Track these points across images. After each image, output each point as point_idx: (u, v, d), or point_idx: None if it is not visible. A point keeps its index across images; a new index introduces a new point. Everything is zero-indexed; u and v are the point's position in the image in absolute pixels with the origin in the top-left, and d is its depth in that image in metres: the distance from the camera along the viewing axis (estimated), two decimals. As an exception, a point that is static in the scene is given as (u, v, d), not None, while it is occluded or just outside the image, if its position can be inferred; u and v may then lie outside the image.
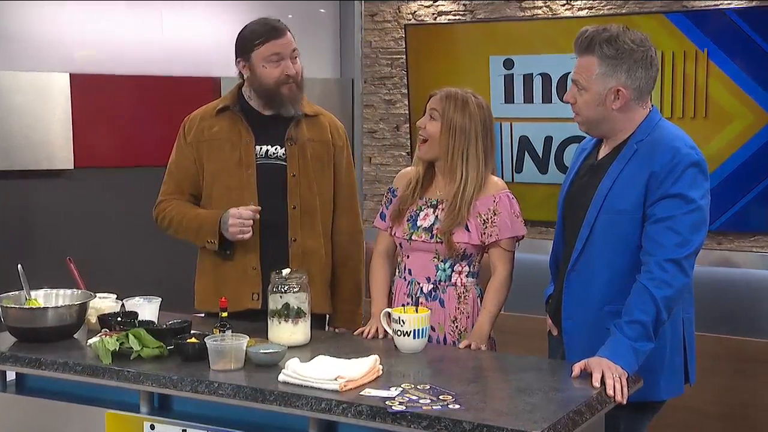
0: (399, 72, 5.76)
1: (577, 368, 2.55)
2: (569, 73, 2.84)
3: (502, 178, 3.38)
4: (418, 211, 3.16)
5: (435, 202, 3.14)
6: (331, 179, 3.38)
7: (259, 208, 3.19)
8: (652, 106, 2.81)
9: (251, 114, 3.31)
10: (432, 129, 3.09)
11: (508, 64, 5.23)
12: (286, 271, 2.93)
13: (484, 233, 3.06)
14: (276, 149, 3.29)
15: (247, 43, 3.24)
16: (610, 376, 2.49)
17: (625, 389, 2.50)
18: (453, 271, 3.10)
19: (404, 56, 5.65)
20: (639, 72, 2.71)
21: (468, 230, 3.06)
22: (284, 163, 3.28)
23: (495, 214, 3.06)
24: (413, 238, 3.13)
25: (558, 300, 2.88)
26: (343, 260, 3.43)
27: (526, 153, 5.20)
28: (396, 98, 5.81)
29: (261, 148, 3.28)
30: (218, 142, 3.30)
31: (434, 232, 3.09)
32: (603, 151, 2.85)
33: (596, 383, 2.48)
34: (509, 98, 5.22)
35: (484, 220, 3.06)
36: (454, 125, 3.05)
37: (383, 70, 5.84)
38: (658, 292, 2.57)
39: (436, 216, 3.11)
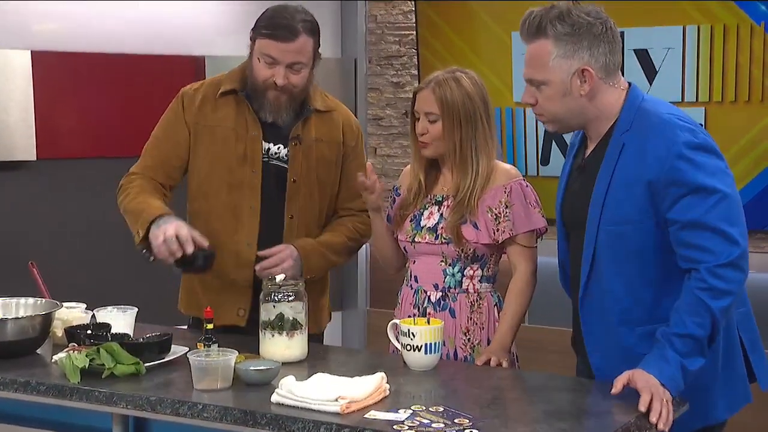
0: (408, 50, 5.78)
1: (619, 384, 2.53)
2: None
3: (525, 173, 3.40)
4: (421, 210, 3.18)
5: (441, 198, 3.16)
6: (336, 185, 3.40)
7: (207, 244, 3.08)
8: (629, 84, 2.77)
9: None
10: (435, 131, 3.11)
11: (533, 41, 5.24)
12: (279, 278, 2.96)
13: (497, 229, 3.08)
14: (279, 149, 3.30)
15: (257, 25, 3.24)
16: (658, 400, 2.48)
17: (671, 416, 2.49)
18: (463, 275, 3.12)
19: (414, 32, 5.66)
20: (602, 47, 2.68)
21: (477, 227, 3.08)
22: (285, 165, 3.30)
23: (507, 206, 3.08)
24: (417, 240, 3.15)
25: (578, 330, 2.86)
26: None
27: (553, 142, 5.20)
28: (405, 80, 5.83)
29: (264, 146, 3.30)
30: (223, 130, 3.30)
31: (439, 231, 3.11)
32: (589, 147, 2.82)
33: (644, 407, 2.46)
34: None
35: (495, 214, 3.08)
36: (457, 115, 3.08)
37: (390, 48, 5.85)
38: (715, 303, 2.55)
39: (441, 214, 3.14)
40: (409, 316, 3.06)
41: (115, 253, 4.97)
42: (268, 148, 3.30)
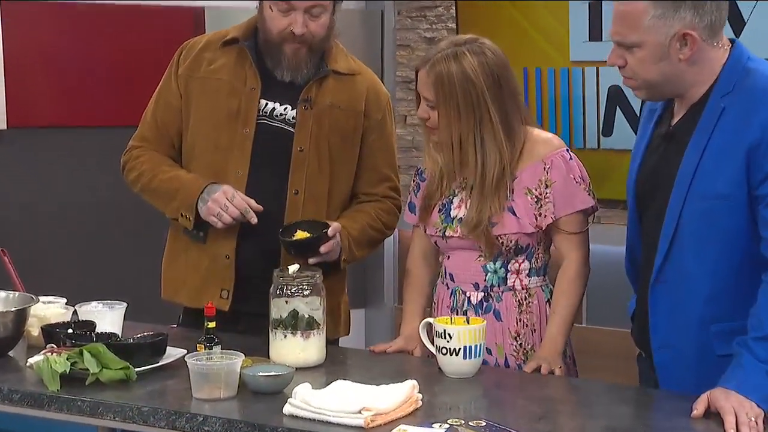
0: (444, 0, 5.76)
1: (700, 406, 2.54)
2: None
3: (584, 145, 3.38)
4: (450, 197, 3.19)
5: (473, 182, 3.13)
6: (354, 162, 3.42)
7: (261, 209, 3.21)
8: (732, 40, 2.77)
9: (263, 56, 3.34)
10: (434, 118, 3.09)
11: (595, -12, 5.23)
12: (293, 268, 2.98)
13: (539, 214, 3.08)
14: (285, 109, 3.33)
15: None
16: (744, 418, 2.47)
17: None
18: (507, 271, 3.13)
19: (451, -22, 5.65)
20: (707, 4, 2.68)
21: (515, 214, 3.08)
22: (292, 129, 3.33)
23: (548, 185, 3.08)
24: (447, 233, 3.16)
25: (643, 322, 2.87)
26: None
27: (618, 109, 5.18)
28: (440, 35, 5.81)
29: (266, 104, 3.32)
30: (214, 82, 3.34)
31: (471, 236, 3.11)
32: (678, 113, 2.83)
33: (731, 430, 2.46)
34: (595, 34, 5.21)
35: (536, 196, 3.08)
36: (454, 104, 3.03)
37: (423, -4, 5.84)
38: None
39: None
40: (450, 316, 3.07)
41: (101, 239, 5.00)
42: (273, 108, 3.32)
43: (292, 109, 3.32)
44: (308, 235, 3.18)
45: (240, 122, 3.30)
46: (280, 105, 3.32)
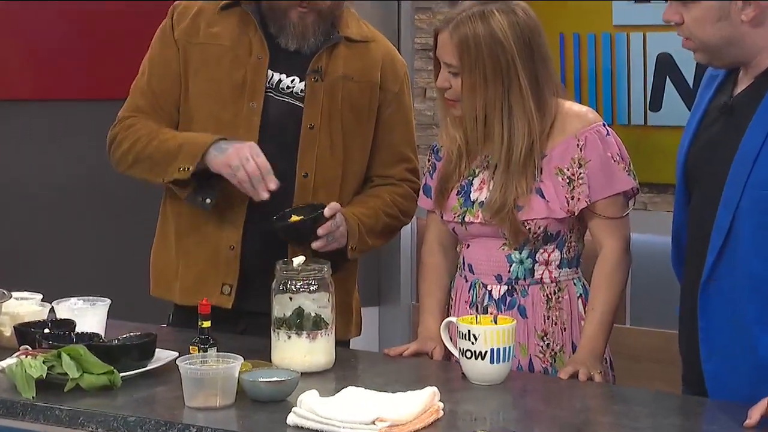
0: (470, -44, 5.76)
1: (756, 413, 2.53)
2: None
3: (629, 121, 3.37)
4: (471, 177, 3.18)
5: (496, 161, 3.13)
6: (369, 141, 3.43)
7: (279, 184, 3.19)
8: None
9: (266, 21, 3.34)
10: (457, 87, 3.08)
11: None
12: (298, 260, 2.98)
13: (572, 197, 3.07)
14: (293, 82, 3.34)
15: None
16: None
17: None
18: (535, 261, 3.13)
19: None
20: None
21: (544, 197, 3.08)
22: (300, 104, 3.33)
23: (582, 164, 3.07)
24: (467, 219, 3.16)
25: (690, 325, 2.86)
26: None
27: (668, 80, 5.17)
28: (465, -4, 5.81)
29: (272, 75, 3.33)
30: (216, 48, 3.34)
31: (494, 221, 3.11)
32: (741, 82, 2.82)
33: None
34: (642, -5, 5.21)
35: (568, 177, 3.07)
36: (481, 69, 3.03)
37: (445, -48, 5.84)
38: None
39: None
40: (476, 314, 3.06)
41: (81, 226, 5.00)
42: (279, 80, 3.33)
43: (300, 81, 3.32)
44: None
45: (246, 96, 3.31)
46: (287, 77, 3.33)
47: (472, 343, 2.86)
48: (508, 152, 3.05)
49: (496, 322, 2.89)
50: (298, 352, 2.92)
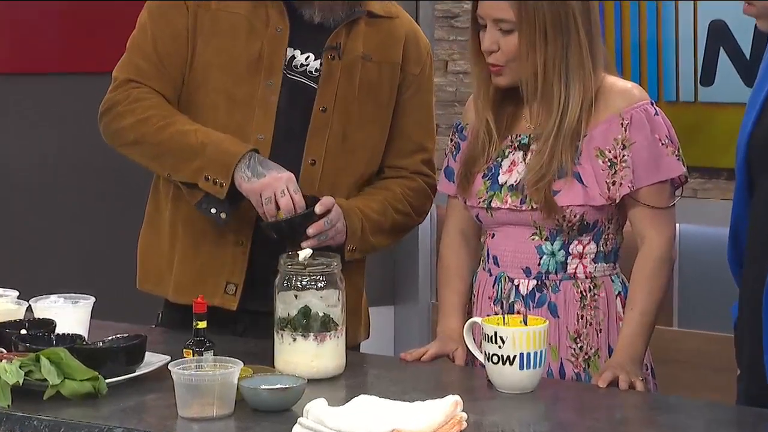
0: None
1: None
2: None
3: (677, 97, 3.36)
4: (500, 159, 3.18)
5: (526, 140, 3.15)
6: (386, 128, 3.43)
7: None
8: None
9: None
10: (509, 47, 3.07)
11: None
12: (304, 254, 2.98)
13: (613, 183, 3.07)
14: (308, 59, 3.35)
15: None
16: None
17: None
18: (569, 254, 3.14)
19: None
20: None
21: (582, 182, 3.08)
22: (314, 85, 3.34)
23: (626, 146, 3.06)
24: (494, 204, 3.16)
25: (751, 329, 2.85)
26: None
27: (722, 51, 5.18)
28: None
29: (286, 50, 3.32)
30: (230, 17, 3.33)
31: (528, 192, 3.11)
32: None
33: None
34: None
35: (609, 159, 3.07)
36: (542, 23, 3.03)
37: None
38: None
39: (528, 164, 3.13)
40: (494, 314, 3.08)
41: (61, 216, 5.01)
42: (293, 56, 3.34)
43: (315, 59, 3.33)
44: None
45: (263, 73, 3.31)
46: (302, 53, 3.34)
47: (499, 347, 2.85)
48: (562, 117, 3.06)
49: (525, 323, 2.89)
50: (305, 356, 2.92)
